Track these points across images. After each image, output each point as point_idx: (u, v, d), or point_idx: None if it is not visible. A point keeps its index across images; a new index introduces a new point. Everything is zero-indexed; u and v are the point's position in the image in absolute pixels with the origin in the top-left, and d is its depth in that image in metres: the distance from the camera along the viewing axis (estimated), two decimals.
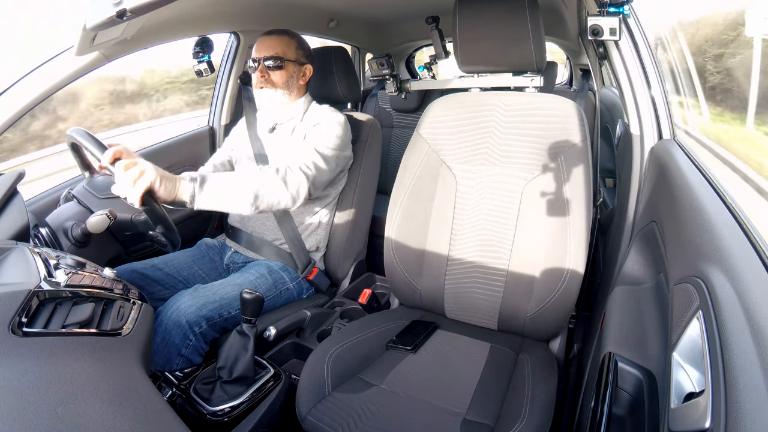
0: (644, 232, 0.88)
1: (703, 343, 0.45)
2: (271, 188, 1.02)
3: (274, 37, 1.23)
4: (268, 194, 1.02)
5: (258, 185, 1.00)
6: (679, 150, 0.91)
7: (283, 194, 1.05)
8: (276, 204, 1.05)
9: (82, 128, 0.92)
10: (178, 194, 0.91)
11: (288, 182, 1.05)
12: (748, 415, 0.35)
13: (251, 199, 0.99)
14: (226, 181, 0.98)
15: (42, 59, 1.04)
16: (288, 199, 1.06)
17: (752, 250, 0.53)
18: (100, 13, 0.81)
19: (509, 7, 1.04)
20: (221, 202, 0.97)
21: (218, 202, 0.96)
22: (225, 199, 0.97)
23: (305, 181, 1.08)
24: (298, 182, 1.06)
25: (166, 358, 0.98)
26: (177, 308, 0.99)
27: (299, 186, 1.07)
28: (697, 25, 1.44)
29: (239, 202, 0.99)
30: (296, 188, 1.06)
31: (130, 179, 0.84)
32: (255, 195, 1.00)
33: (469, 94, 1.21)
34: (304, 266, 1.27)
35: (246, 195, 0.99)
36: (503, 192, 1.10)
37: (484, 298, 1.11)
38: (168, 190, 0.89)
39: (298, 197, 1.07)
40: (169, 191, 0.89)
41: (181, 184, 0.91)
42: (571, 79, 2.98)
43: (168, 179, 0.89)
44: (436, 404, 0.88)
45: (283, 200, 1.05)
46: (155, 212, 0.87)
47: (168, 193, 0.89)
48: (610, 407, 0.61)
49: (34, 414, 0.48)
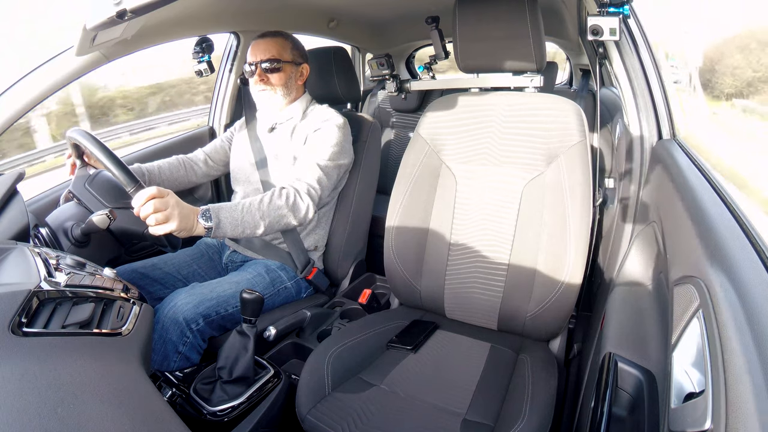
0: (644, 232, 0.88)
1: (703, 343, 0.45)
2: (280, 219, 1.08)
3: (269, 40, 1.24)
4: (277, 224, 1.08)
5: (268, 218, 1.05)
6: (679, 150, 0.91)
7: (292, 221, 1.10)
8: (285, 228, 1.12)
9: (104, 144, 0.94)
10: (193, 234, 0.95)
11: (296, 210, 1.10)
12: (749, 415, 0.35)
13: (261, 231, 1.05)
14: (238, 218, 1.01)
15: (42, 59, 1.05)
16: (296, 223, 1.12)
17: (752, 250, 0.53)
18: (100, 13, 0.81)
19: (509, 7, 1.04)
20: (235, 235, 1.02)
21: (232, 235, 1.02)
22: (238, 233, 1.02)
23: (312, 205, 1.12)
24: (306, 207, 1.11)
25: (164, 356, 0.98)
26: (174, 306, 1.00)
27: (307, 211, 1.11)
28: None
29: (251, 234, 1.05)
30: (304, 214, 1.11)
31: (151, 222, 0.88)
32: (265, 227, 1.05)
33: (469, 94, 1.21)
34: (303, 266, 1.27)
35: (257, 227, 1.04)
36: (503, 192, 1.10)
37: (484, 298, 1.11)
38: (184, 234, 0.93)
39: (305, 220, 1.13)
40: (185, 234, 0.93)
41: (197, 227, 0.95)
42: (571, 79, 2.98)
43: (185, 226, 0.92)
44: (436, 404, 0.88)
45: (292, 225, 1.11)
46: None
47: (184, 235, 0.93)
48: (610, 407, 0.61)
49: (34, 414, 0.48)
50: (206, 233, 0.96)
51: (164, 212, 0.88)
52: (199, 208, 0.96)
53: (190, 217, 0.93)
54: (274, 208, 1.06)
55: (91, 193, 1.04)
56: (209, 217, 0.96)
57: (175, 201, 0.90)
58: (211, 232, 0.96)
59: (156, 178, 1.25)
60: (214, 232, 0.97)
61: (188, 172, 1.33)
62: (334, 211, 1.37)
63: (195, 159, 1.36)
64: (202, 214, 0.95)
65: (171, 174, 1.29)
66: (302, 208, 1.10)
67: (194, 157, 1.37)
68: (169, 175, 1.28)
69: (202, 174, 1.37)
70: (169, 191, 0.90)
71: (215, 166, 1.39)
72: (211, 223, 0.96)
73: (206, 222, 0.95)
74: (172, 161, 1.31)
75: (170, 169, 1.29)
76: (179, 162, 1.32)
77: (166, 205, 0.88)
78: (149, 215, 0.87)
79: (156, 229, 0.89)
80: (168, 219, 0.88)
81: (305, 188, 1.11)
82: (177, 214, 0.89)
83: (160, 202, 0.88)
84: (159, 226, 0.88)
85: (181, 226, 0.90)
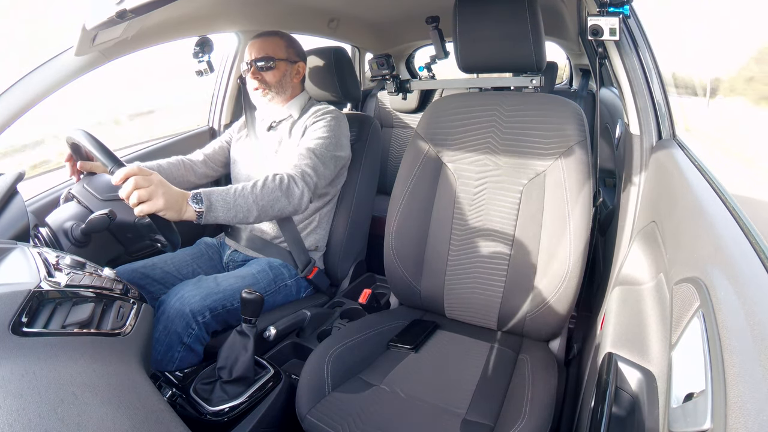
0: (644, 232, 0.88)
1: (703, 343, 0.45)
2: (274, 203, 1.03)
3: (264, 39, 1.25)
4: (271, 209, 1.03)
5: (261, 202, 1.01)
6: (679, 150, 0.91)
7: (287, 207, 1.06)
8: (279, 216, 1.07)
9: (88, 132, 0.93)
10: (183, 217, 0.91)
11: (290, 195, 1.05)
12: (749, 415, 0.35)
13: (255, 216, 1.01)
14: (230, 201, 0.97)
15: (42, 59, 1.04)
16: (291, 210, 1.07)
17: (752, 250, 0.53)
18: (100, 13, 0.81)
19: (509, 8, 1.04)
20: (226, 220, 0.98)
21: (224, 220, 0.98)
22: (230, 218, 0.98)
23: (307, 191, 1.08)
24: (301, 193, 1.07)
25: (168, 346, 0.99)
26: (181, 297, 1.01)
27: (302, 197, 1.07)
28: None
29: (243, 219, 1.00)
30: (298, 199, 1.07)
31: (133, 200, 0.84)
32: (258, 212, 1.01)
33: (469, 94, 1.21)
34: (304, 265, 1.27)
35: (250, 212, 1.00)
36: (503, 192, 1.10)
37: (483, 298, 1.11)
38: (172, 215, 0.89)
39: (300, 207, 1.08)
40: (173, 216, 0.89)
41: (186, 209, 0.91)
42: (571, 79, 2.98)
43: (172, 206, 0.88)
44: (436, 404, 0.88)
45: (287, 211, 1.07)
46: (156, 220, 0.88)
47: (172, 216, 0.89)
48: (610, 407, 0.61)
49: (34, 414, 0.48)
50: (197, 217, 0.92)
51: (147, 188, 0.84)
52: (190, 192, 0.92)
53: (179, 200, 0.89)
54: (267, 191, 1.01)
55: (89, 191, 1.04)
56: (200, 200, 0.92)
57: (159, 180, 0.87)
58: (203, 216, 0.92)
59: None
60: (205, 216, 0.93)
61: (188, 172, 1.33)
62: (334, 211, 1.37)
63: (194, 159, 1.36)
64: (193, 197, 0.92)
65: (171, 172, 1.29)
66: (296, 193, 1.06)
67: (194, 157, 1.37)
68: (169, 174, 1.28)
69: (202, 174, 1.37)
70: (153, 171, 0.87)
71: (214, 167, 1.39)
72: (202, 206, 0.92)
73: (197, 205, 0.91)
74: (172, 160, 1.31)
75: (170, 168, 1.29)
76: (179, 161, 1.32)
77: (149, 183, 0.85)
78: (130, 192, 0.84)
79: (140, 209, 0.84)
80: (151, 196, 0.84)
81: (299, 173, 1.08)
82: (161, 193, 0.86)
83: (142, 179, 0.84)
84: (142, 204, 0.84)
85: (167, 206, 0.86)
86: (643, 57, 1.00)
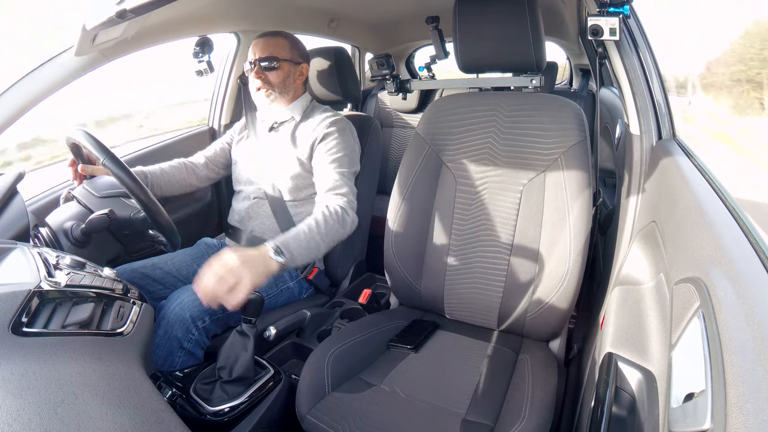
0: (644, 232, 0.88)
1: (703, 343, 0.45)
2: (335, 235, 1.07)
3: (268, 39, 1.24)
4: (332, 241, 1.07)
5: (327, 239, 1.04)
6: (679, 150, 0.91)
7: (343, 235, 1.10)
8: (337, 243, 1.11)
9: (88, 132, 0.93)
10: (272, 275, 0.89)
11: (345, 224, 1.10)
12: (749, 415, 0.35)
13: (323, 251, 1.04)
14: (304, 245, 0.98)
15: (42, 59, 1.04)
16: (345, 236, 1.12)
17: (752, 250, 0.53)
18: (100, 13, 0.81)
19: (509, 7, 1.04)
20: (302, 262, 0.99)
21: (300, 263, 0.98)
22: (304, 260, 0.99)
23: (354, 215, 1.13)
24: (352, 220, 1.12)
25: (168, 352, 0.99)
26: (180, 302, 1.01)
27: (353, 222, 1.13)
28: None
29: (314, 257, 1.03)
30: (351, 225, 1.12)
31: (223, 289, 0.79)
32: (325, 247, 1.04)
33: (469, 94, 1.21)
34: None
35: (319, 250, 1.03)
36: (503, 192, 1.10)
37: (483, 298, 1.11)
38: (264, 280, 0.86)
39: (351, 231, 1.13)
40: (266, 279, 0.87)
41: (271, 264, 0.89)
42: (571, 79, 2.98)
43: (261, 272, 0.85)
44: (436, 404, 0.88)
45: (343, 238, 1.11)
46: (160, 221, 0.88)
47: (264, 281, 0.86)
48: (610, 407, 0.61)
49: (34, 414, 0.48)
50: (281, 268, 0.91)
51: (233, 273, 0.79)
52: (266, 246, 0.90)
53: (262, 262, 0.86)
54: (330, 228, 1.05)
55: (88, 191, 1.04)
56: (281, 252, 0.91)
57: (232, 257, 0.80)
58: (286, 266, 0.92)
59: (158, 179, 1.25)
60: (287, 265, 0.92)
61: (189, 175, 1.33)
62: None
63: (196, 162, 1.36)
64: (275, 252, 0.90)
65: (173, 176, 1.29)
66: (348, 221, 1.11)
67: (195, 159, 1.36)
68: (171, 177, 1.28)
69: (203, 177, 1.36)
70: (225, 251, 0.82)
71: (216, 169, 1.38)
72: (284, 258, 0.91)
73: (280, 257, 0.90)
74: (174, 164, 1.31)
75: (172, 171, 1.29)
76: (180, 164, 1.32)
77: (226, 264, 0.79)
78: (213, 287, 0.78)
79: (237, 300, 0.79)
80: (238, 280, 0.79)
81: (347, 203, 1.13)
82: (247, 272, 0.80)
83: (220, 266, 0.79)
84: (235, 294, 0.78)
85: (256, 276, 0.82)
86: (643, 57, 1.00)
